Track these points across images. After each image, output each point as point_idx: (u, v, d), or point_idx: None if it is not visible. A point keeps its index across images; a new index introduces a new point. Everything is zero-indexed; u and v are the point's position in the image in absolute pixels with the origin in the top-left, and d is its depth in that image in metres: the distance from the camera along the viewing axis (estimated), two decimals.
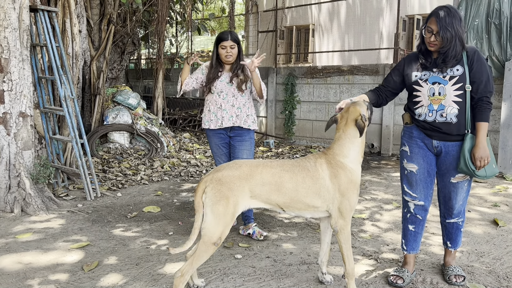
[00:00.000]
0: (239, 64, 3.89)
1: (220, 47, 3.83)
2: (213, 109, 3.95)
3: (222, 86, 3.91)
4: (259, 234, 3.88)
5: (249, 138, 3.97)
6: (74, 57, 5.87)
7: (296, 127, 9.68)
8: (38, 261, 3.37)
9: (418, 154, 2.97)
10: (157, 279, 3.09)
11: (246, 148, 3.94)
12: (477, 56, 2.78)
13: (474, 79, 2.76)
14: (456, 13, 2.72)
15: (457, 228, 3.06)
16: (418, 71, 2.90)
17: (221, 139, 3.98)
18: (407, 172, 3.03)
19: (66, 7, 5.69)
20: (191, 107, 11.14)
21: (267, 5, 14.38)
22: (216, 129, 3.95)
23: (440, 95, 2.81)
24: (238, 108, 3.93)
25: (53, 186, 5.36)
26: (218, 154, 4.02)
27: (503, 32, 6.64)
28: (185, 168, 6.98)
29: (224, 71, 3.94)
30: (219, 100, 3.92)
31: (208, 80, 3.92)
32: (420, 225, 3.10)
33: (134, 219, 4.46)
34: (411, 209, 3.07)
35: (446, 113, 2.81)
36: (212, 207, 2.58)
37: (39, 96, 5.21)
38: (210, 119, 3.96)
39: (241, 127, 3.93)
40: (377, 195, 5.42)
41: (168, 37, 12.66)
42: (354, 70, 8.81)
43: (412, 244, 3.12)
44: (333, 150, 2.77)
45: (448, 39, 2.69)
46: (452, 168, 2.89)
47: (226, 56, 3.83)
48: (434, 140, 2.90)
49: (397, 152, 8.38)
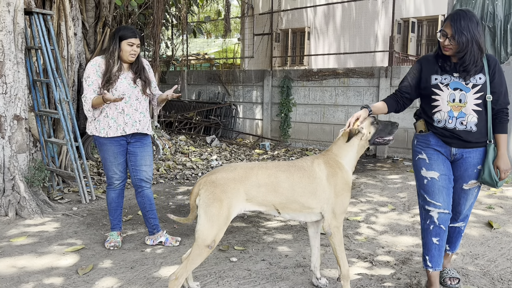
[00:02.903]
0: (141, 64, 3.63)
1: (127, 44, 3.50)
2: (112, 114, 3.54)
3: (125, 88, 3.55)
4: (174, 240, 3.80)
5: (149, 143, 3.75)
6: (70, 60, 5.85)
7: (292, 130, 9.69)
8: (33, 265, 3.36)
9: (438, 161, 2.84)
10: (152, 282, 3.09)
11: (148, 154, 3.72)
12: (498, 66, 2.74)
13: (495, 90, 2.71)
14: (473, 16, 2.64)
15: (459, 232, 3.04)
16: (438, 73, 2.80)
17: (120, 147, 3.63)
18: (427, 181, 2.85)
19: (61, 10, 5.68)
20: (187, 109, 11.13)
21: (262, 8, 14.42)
22: (115, 137, 3.58)
23: (461, 102, 2.72)
24: (141, 113, 3.65)
25: (48, 189, 5.34)
26: (115, 164, 3.64)
27: (497, 35, 6.68)
28: (181, 171, 6.97)
29: (124, 70, 3.59)
30: (121, 104, 3.54)
31: (108, 80, 3.48)
32: (444, 236, 2.88)
33: (129, 222, 4.45)
34: (435, 219, 2.82)
35: (466, 121, 2.73)
36: (206, 209, 2.58)
37: (34, 99, 5.20)
38: (109, 125, 3.54)
39: (144, 133, 3.69)
40: (373, 198, 5.43)
41: (164, 40, 12.65)
42: (349, 73, 8.83)
43: (437, 259, 2.88)
44: (332, 151, 2.86)
45: (464, 43, 2.61)
46: (466, 175, 2.82)
47: (131, 54, 3.53)
48: (453, 148, 2.81)
49: (393, 155, 8.40)
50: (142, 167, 3.69)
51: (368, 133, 2.84)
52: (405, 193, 5.62)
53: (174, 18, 11.82)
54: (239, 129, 10.65)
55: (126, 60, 3.56)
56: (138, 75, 3.61)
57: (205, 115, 10.83)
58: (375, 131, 2.85)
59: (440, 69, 2.79)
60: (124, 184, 3.80)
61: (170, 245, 3.78)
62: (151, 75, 3.76)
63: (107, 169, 3.66)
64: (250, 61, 13.37)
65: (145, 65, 3.73)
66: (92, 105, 3.49)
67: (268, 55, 11.82)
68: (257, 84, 10.26)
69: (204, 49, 19.53)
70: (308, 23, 14.55)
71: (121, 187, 3.77)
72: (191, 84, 11.70)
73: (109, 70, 3.49)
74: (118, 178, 3.71)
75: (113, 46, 3.51)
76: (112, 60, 3.50)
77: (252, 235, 4.07)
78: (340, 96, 8.97)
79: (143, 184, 3.72)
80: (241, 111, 10.64)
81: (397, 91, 3.02)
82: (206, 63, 17.05)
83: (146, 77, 3.65)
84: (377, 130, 2.86)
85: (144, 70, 3.66)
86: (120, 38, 3.51)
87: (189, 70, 12.12)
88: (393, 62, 8.83)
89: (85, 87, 3.51)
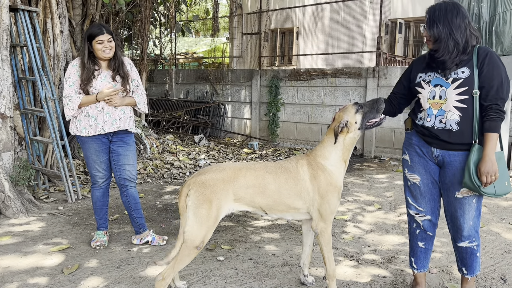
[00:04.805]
0: (118, 60, 3.58)
1: (96, 43, 3.45)
2: (93, 113, 3.52)
3: (104, 86, 3.52)
4: (161, 239, 3.80)
5: (132, 142, 3.72)
6: (56, 58, 5.79)
7: (280, 129, 9.71)
8: (17, 265, 3.32)
9: (418, 164, 2.71)
10: (138, 281, 3.07)
11: (131, 153, 3.69)
12: (490, 58, 2.44)
13: (484, 84, 2.42)
14: (453, 8, 2.44)
15: (472, 253, 2.67)
16: (424, 71, 2.64)
17: (102, 144, 3.60)
18: (410, 184, 2.77)
19: (47, 7, 5.61)
20: (175, 108, 11.09)
21: (251, 7, 14.42)
22: (97, 135, 3.57)
23: (441, 99, 2.52)
24: (121, 110, 3.60)
25: (34, 189, 5.28)
26: (97, 162, 3.62)
27: (482, 37, 6.77)
28: (168, 170, 6.94)
29: (102, 69, 3.56)
30: (101, 102, 3.51)
31: (83, 81, 3.47)
32: (431, 241, 2.84)
33: (116, 221, 4.42)
34: (421, 225, 2.78)
35: (445, 119, 2.52)
36: (195, 210, 2.57)
37: (19, 97, 5.13)
38: (89, 124, 3.52)
39: (126, 130, 3.65)
40: (360, 197, 5.47)
41: (152, 39, 12.59)
42: (337, 73, 8.88)
43: (422, 262, 2.87)
44: (315, 152, 2.79)
45: (436, 35, 2.44)
46: (456, 181, 2.56)
47: (105, 51, 3.47)
48: (433, 148, 2.62)
49: (380, 155, 8.47)
50: (125, 166, 3.67)
51: (354, 123, 2.70)
52: (391, 193, 5.67)
53: (163, 16, 11.76)
54: (228, 128, 10.65)
55: (102, 57, 3.52)
56: (116, 71, 3.58)
57: (193, 114, 10.80)
58: (362, 117, 2.71)
59: (427, 66, 2.63)
60: (109, 182, 3.78)
61: (157, 244, 3.76)
62: (133, 73, 3.73)
63: (90, 167, 3.65)
64: (239, 60, 13.37)
65: (127, 63, 3.70)
66: (81, 105, 3.48)
67: (256, 55, 11.82)
68: (245, 84, 10.26)
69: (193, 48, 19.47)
70: (296, 23, 14.59)
71: (106, 186, 3.75)
72: (179, 83, 11.65)
73: (84, 71, 3.48)
74: (102, 176, 3.69)
75: (83, 47, 3.51)
76: (84, 61, 3.48)
77: (239, 234, 4.08)
78: (328, 96, 9.01)
79: (127, 183, 3.70)
80: (230, 110, 10.63)
81: (391, 93, 2.91)
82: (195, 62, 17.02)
83: (125, 73, 3.61)
84: (364, 114, 2.71)
85: (123, 65, 3.62)
86: (88, 38, 3.48)
87: (178, 69, 12.08)
88: (380, 62, 8.89)
89: (66, 87, 3.50)
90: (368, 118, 2.73)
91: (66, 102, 3.48)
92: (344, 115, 2.73)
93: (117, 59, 3.58)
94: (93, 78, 3.51)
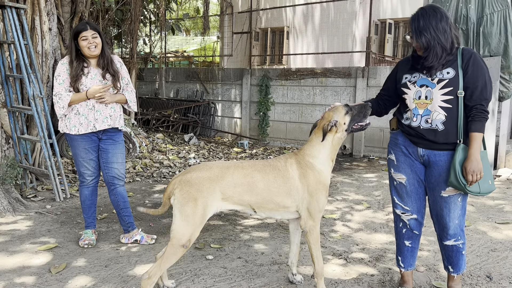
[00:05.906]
0: (107, 57, 3.56)
1: (81, 39, 3.44)
2: (83, 111, 3.51)
3: (94, 84, 3.51)
4: (150, 238, 3.79)
5: (121, 140, 3.71)
6: (44, 56, 5.74)
7: (270, 129, 9.73)
8: (4, 264, 3.28)
9: (404, 163, 2.74)
10: (126, 280, 3.06)
11: (120, 152, 3.68)
12: (474, 59, 2.49)
13: (468, 85, 2.47)
14: (434, 13, 2.48)
15: (458, 252, 2.73)
16: (409, 72, 2.68)
17: (92, 142, 3.59)
18: (396, 184, 2.80)
19: (35, 4, 5.56)
20: (165, 107, 11.05)
21: (242, 6, 14.41)
22: (86, 133, 3.56)
23: (427, 99, 2.56)
24: (112, 107, 3.61)
25: (21, 187, 5.23)
26: (86, 160, 3.60)
27: (470, 38, 6.84)
28: (158, 169, 6.92)
29: (91, 67, 3.55)
30: (92, 100, 3.50)
31: (73, 78, 3.45)
32: (417, 240, 2.87)
33: (104, 220, 4.40)
34: (407, 223, 2.82)
35: (431, 119, 2.56)
36: (181, 208, 2.57)
37: (6, 95, 5.08)
38: (80, 122, 3.51)
39: (116, 128, 3.65)
40: (348, 196, 5.50)
41: (142, 37, 12.52)
42: (327, 73, 8.91)
43: (409, 260, 2.90)
44: (304, 150, 2.81)
45: (424, 43, 2.48)
46: (441, 181, 2.61)
47: (90, 48, 3.46)
48: (419, 148, 2.65)
49: (369, 154, 8.53)
50: (114, 164, 3.65)
51: (343, 124, 2.74)
52: (380, 192, 5.71)
53: (152, 14, 11.71)
54: (218, 127, 10.63)
55: (88, 54, 3.51)
56: (106, 69, 3.57)
57: (183, 113, 10.77)
58: (350, 119, 2.75)
59: (412, 68, 2.67)
60: (97, 181, 3.76)
61: (146, 243, 3.75)
62: (123, 71, 3.71)
63: (79, 165, 3.63)
64: (229, 59, 13.35)
65: (117, 61, 3.68)
66: (71, 102, 3.47)
67: (247, 54, 11.83)
68: (236, 83, 10.26)
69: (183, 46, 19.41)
70: (287, 23, 14.61)
71: (94, 184, 3.73)
72: (169, 81, 11.61)
73: (73, 69, 3.47)
74: (90, 174, 3.67)
75: (70, 45, 3.52)
76: (72, 59, 3.49)
77: (228, 233, 4.08)
78: (318, 95, 9.04)
79: (115, 181, 3.68)
80: (220, 109, 10.62)
81: (378, 94, 2.96)
82: (185, 60, 16.95)
83: (115, 70, 3.60)
84: (353, 116, 2.76)
85: (113, 63, 3.62)
86: (74, 37, 3.48)
87: (168, 68, 12.02)
88: (370, 62, 8.95)
89: (56, 85, 3.48)
90: (355, 122, 2.79)
91: (56, 100, 3.47)
92: (334, 115, 2.76)
93: (105, 56, 3.57)
94: (83, 75, 3.50)
